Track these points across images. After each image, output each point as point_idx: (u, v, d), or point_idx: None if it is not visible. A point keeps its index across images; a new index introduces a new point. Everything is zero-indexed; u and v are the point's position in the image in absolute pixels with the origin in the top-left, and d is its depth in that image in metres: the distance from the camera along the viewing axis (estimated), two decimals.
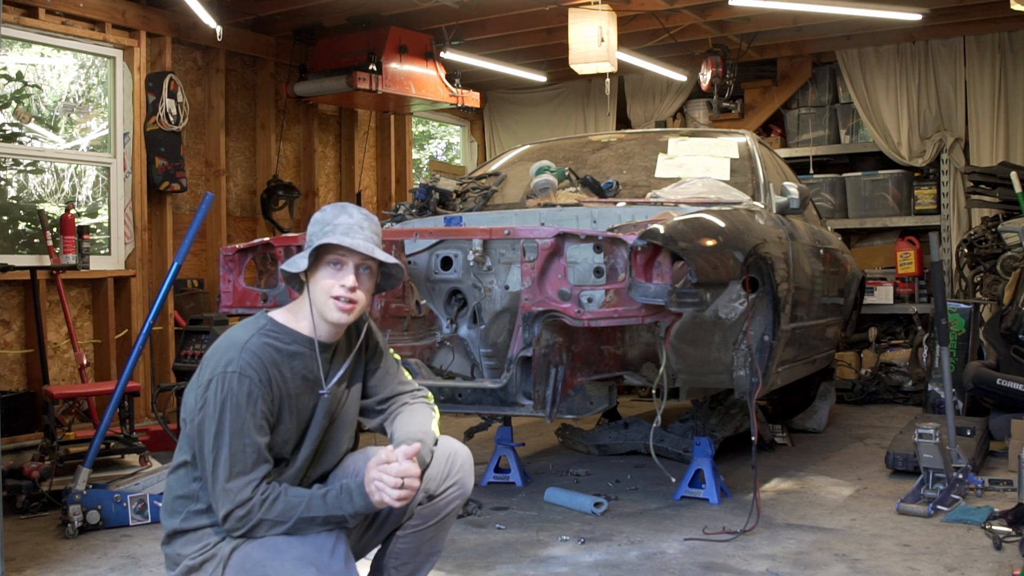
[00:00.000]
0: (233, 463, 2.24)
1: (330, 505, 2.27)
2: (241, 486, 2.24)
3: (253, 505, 2.24)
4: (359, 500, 2.28)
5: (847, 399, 7.35)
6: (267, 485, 2.27)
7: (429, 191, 5.02)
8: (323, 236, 2.36)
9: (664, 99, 9.21)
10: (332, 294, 2.37)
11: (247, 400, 2.27)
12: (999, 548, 3.57)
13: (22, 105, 6.60)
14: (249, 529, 2.26)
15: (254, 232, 7.32)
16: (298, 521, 2.26)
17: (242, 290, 4.27)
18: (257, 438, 2.27)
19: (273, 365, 2.34)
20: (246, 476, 2.25)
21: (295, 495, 2.28)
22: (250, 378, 2.28)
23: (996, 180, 7.12)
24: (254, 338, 2.35)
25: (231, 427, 2.25)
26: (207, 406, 2.27)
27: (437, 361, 4.36)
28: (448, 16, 7.05)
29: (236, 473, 2.24)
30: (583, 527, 4.00)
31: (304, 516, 2.26)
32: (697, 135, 5.49)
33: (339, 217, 2.39)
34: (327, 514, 2.27)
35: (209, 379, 2.29)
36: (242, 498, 2.24)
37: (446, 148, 11.98)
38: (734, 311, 3.87)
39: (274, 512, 2.25)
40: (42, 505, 4.32)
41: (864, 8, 6.81)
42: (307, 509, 2.26)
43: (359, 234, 2.37)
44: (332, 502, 2.28)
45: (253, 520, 2.25)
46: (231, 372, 2.27)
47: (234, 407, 2.26)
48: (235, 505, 2.24)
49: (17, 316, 5.67)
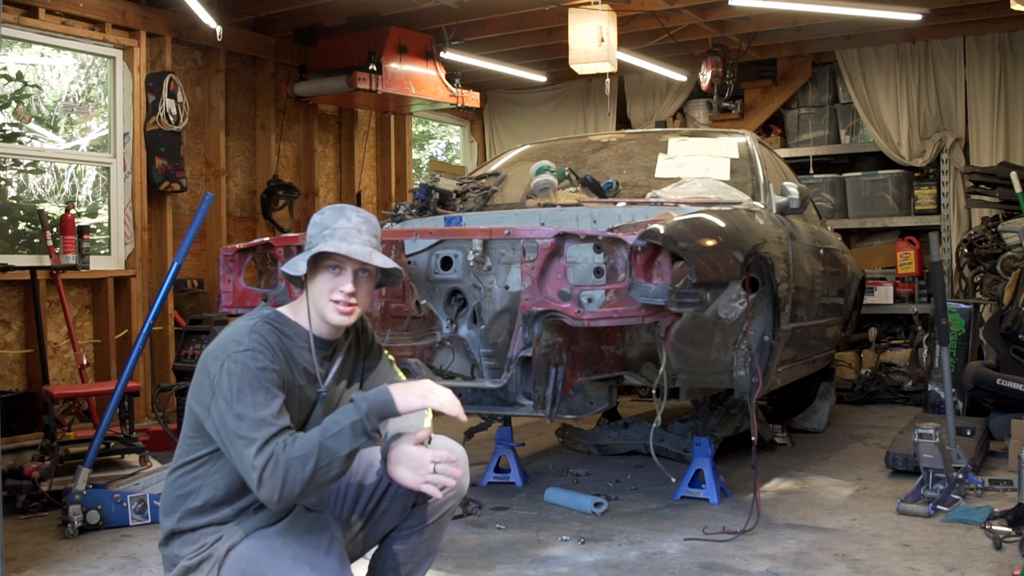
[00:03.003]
0: (257, 428, 2.18)
1: (345, 416, 2.22)
2: (268, 448, 2.18)
3: (276, 453, 2.17)
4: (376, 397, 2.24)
5: (847, 399, 7.35)
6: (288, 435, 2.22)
7: (429, 191, 5.02)
8: (321, 240, 2.36)
9: (664, 99, 9.21)
10: (331, 298, 2.38)
11: (262, 373, 2.24)
12: (999, 548, 3.57)
13: (22, 105, 6.60)
14: (281, 480, 2.16)
15: (254, 232, 7.32)
16: (323, 443, 2.18)
17: (242, 290, 4.27)
18: (276, 407, 2.22)
19: (281, 348, 2.34)
20: (270, 443, 2.18)
21: (311, 430, 2.23)
22: (262, 353, 2.27)
23: (996, 180, 7.12)
24: (260, 323, 2.35)
25: (252, 397, 2.21)
26: (221, 387, 2.22)
27: (437, 361, 4.36)
28: (448, 16, 7.05)
29: (264, 440, 2.18)
30: (583, 527, 4.00)
31: (327, 435, 2.19)
32: (697, 135, 5.49)
33: (337, 221, 2.39)
34: (348, 422, 2.20)
35: (221, 364, 2.25)
36: (267, 454, 2.17)
37: (446, 148, 11.98)
38: (734, 311, 3.87)
39: (296, 448, 2.17)
40: (42, 505, 4.32)
41: (864, 8, 6.81)
42: (325, 431, 2.20)
43: (357, 238, 2.37)
44: (345, 412, 2.23)
45: (281, 467, 2.16)
46: (243, 351, 2.25)
47: (251, 379, 2.22)
48: (263, 465, 2.16)
49: (17, 316, 5.67)
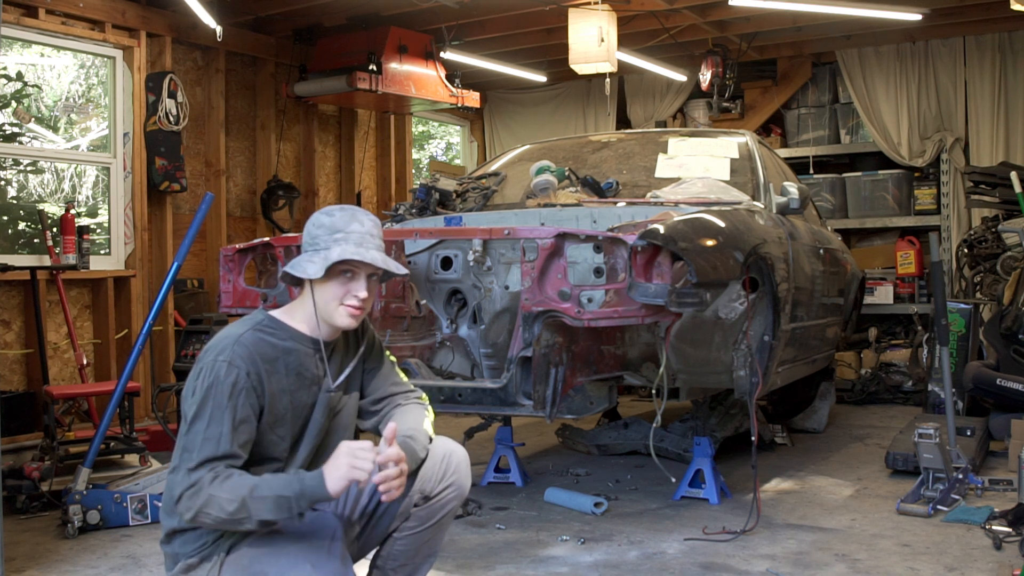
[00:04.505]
0: (203, 448, 2.18)
1: (279, 485, 2.16)
2: (203, 471, 2.17)
3: (203, 481, 2.15)
4: (310, 481, 2.16)
5: (847, 399, 7.35)
6: (226, 469, 2.19)
7: (429, 191, 5.02)
8: (333, 244, 2.34)
9: (664, 99, 9.20)
10: (344, 302, 2.37)
11: (231, 389, 2.25)
12: (999, 548, 3.57)
13: (22, 105, 6.60)
14: (198, 508, 2.15)
15: (254, 232, 7.32)
16: (245, 499, 2.13)
17: (242, 290, 4.27)
18: (232, 431, 2.21)
19: (266, 360, 2.33)
20: (211, 464, 2.18)
21: (249, 477, 2.18)
22: (238, 369, 2.27)
23: (996, 180, 7.12)
24: (249, 332, 2.34)
25: (211, 414, 2.22)
26: (194, 392, 2.27)
27: (437, 361, 4.36)
28: (448, 16, 7.05)
29: (204, 459, 2.17)
30: (583, 527, 4.00)
31: (252, 494, 2.14)
32: (697, 135, 5.49)
33: (350, 225, 2.37)
34: (276, 494, 2.14)
35: (200, 368, 2.29)
36: (196, 478, 2.16)
37: (446, 148, 11.98)
38: (734, 311, 3.87)
39: (224, 488, 2.14)
40: (42, 505, 4.32)
41: (864, 8, 6.81)
42: (256, 488, 2.15)
43: (371, 243, 2.37)
44: (282, 482, 2.17)
45: (203, 496, 2.14)
46: (221, 361, 2.27)
47: (217, 395, 2.24)
48: (187, 486, 2.16)
49: (17, 316, 5.67)
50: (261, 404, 2.32)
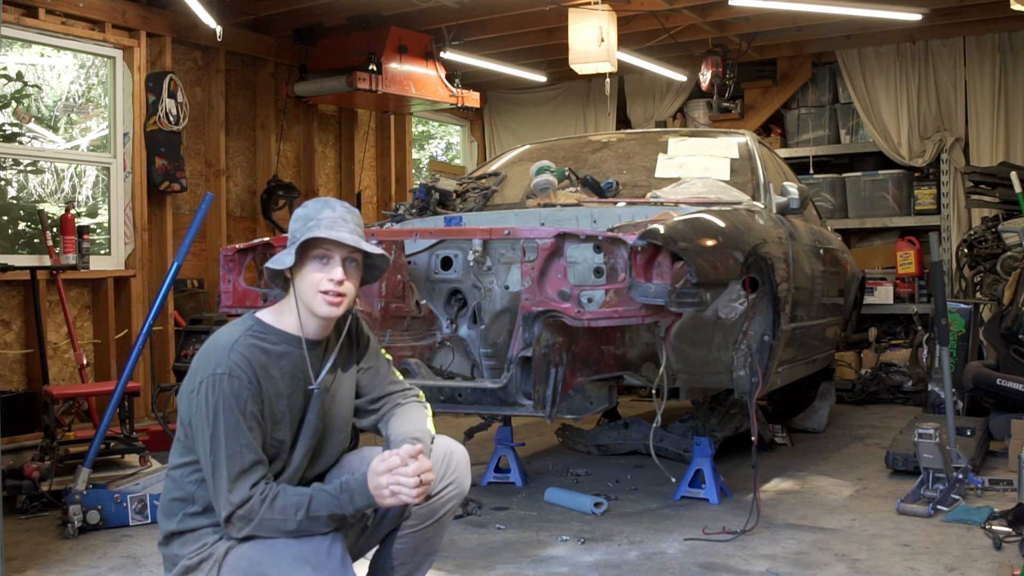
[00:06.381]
0: (231, 464, 2.24)
1: (332, 503, 2.26)
2: (241, 486, 2.24)
3: (253, 504, 2.24)
4: (360, 500, 2.27)
5: (847, 399, 7.35)
6: (265, 484, 2.27)
7: (429, 191, 5.01)
8: (307, 231, 2.35)
9: (664, 99, 9.20)
10: (320, 288, 2.36)
11: (237, 401, 2.26)
12: (999, 548, 3.57)
13: (22, 105, 6.60)
14: (252, 529, 2.25)
15: (254, 232, 7.32)
16: (302, 521, 2.25)
17: (242, 290, 4.26)
18: (252, 438, 2.27)
19: (261, 366, 2.33)
20: (245, 477, 2.25)
21: (294, 493, 2.28)
22: (239, 379, 2.28)
23: (996, 180, 7.12)
24: (241, 340, 2.34)
25: (226, 429, 2.25)
26: (200, 410, 2.27)
27: (437, 361, 4.36)
28: (448, 16, 7.05)
29: (236, 474, 2.24)
30: (583, 527, 4.00)
31: (307, 515, 2.24)
32: (697, 135, 5.49)
33: (322, 211, 2.38)
34: (329, 512, 2.26)
35: (199, 382, 2.29)
36: (242, 497, 2.24)
37: (446, 148, 11.98)
38: (734, 311, 3.87)
39: (275, 511, 2.24)
40: (42, 505, 4.32)
41: (864, 8, 6.81)
42: (309, 508, 2.25)
43: (343, 227, 2.36)
44: (334, 500, 2.26)
45: (255, 520, 2.24)
46: (220, 374, 2.27)
47: (227, 409, 2.26)
48: (236, 505, 2.24)
49: (17, 316, 5.67)
50: (264, 409, 2.33)
